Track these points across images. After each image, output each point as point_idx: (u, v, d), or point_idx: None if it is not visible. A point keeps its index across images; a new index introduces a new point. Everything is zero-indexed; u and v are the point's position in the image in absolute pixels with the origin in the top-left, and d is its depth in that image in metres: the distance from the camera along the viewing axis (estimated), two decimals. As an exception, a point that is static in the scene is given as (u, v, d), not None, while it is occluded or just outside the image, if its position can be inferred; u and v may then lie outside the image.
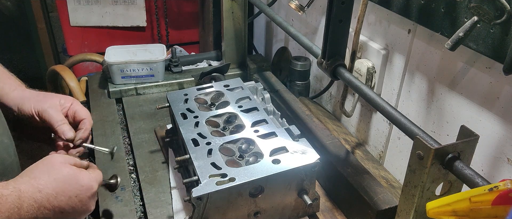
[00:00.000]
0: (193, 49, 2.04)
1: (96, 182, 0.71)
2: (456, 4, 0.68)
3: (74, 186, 0.67)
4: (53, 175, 0.66)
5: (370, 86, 0.98)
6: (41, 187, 0.63)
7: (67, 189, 0.66)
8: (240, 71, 1.34)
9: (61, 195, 0.65)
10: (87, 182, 0.69)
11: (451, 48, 0.64)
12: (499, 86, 0.69)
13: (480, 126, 0.73)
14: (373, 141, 1.06)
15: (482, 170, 0.74)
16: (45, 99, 0.85)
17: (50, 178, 0.65)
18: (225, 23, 1.25)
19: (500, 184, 0.45)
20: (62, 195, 0.65)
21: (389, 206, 0.75)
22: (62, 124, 0.83)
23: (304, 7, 0.94)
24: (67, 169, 0.68)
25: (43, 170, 0.66)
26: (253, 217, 0.77)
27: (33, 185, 0.63)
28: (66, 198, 0.65)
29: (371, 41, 0.98)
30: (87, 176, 0.70)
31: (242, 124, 0.87)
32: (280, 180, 0.75)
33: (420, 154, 0.56)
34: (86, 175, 0.70)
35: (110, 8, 1.92)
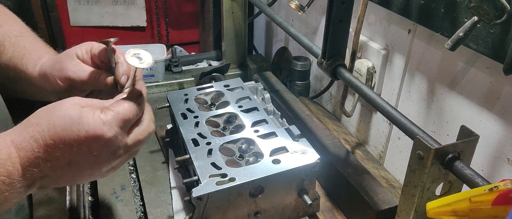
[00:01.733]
0: (193, 49, 2.04)
1: (110, 126, 0.54)
2: (456, 4, 0.68)
3: (74, 132, 0.53)
4: (54, 120, 0.53)
5: (370, 86, 0.98)
6: (37, 135, 0.52)
7: (67, 136, 0.52)
8: (240, 71, 1.34)
9: (62, 144, 0.53)
10: (92, 127, 0.53)
11: (451, 48, 0.64)
12: (499, 86, 0.69)
13: (480, 126, 0.73)
14: (373, 141, 1.06)
15: (482, 170, 0.74)
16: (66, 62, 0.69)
17: (50, 123, 0.53)
18: (225, 23, 1.25)
19: (500, 184, 0.45)
20: (62, 144, 0.53)
21: (389, 206, 0.75)
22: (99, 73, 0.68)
23: (304, 7, 0.94)
24: (72, 111, 0.54)
25: (45, 114, 0.54)
26: (253, 217, 0.77)
27: (27, 134, 0.52)
28: (68, 148, 0.53)
29: (371, 41, 0.98)
30: (93, 119, 0.53)
31: (242, 124, 0.87)
32: (280, 180, 0.75)
33: (420, 154, 0.56)
34: (93, 118, 0.53)
35: (110, 8, 1.92)
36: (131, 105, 0.58)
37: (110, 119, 0.55)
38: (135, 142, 0.59)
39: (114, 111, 0.55)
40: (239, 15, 1.25)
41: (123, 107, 0.57)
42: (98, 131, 0.53)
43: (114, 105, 0.57)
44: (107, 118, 0.55)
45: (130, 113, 0.57)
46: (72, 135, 0.53)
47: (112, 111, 0.55)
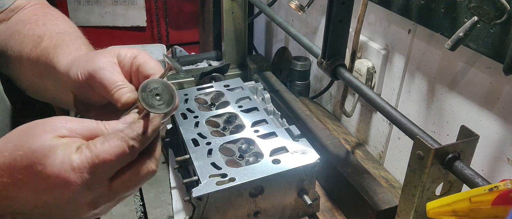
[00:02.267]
0: (193, 49, 2.04)
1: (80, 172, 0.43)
2: (456, 4, 0.68)
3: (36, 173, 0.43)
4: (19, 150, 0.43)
5: (370, 86, 0.98)
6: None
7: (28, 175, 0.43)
8: (240, 71, 1.34)
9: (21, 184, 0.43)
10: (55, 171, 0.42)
11: (451, 48, 0.64)
12: (499, 86, 0.69)
13: (480, 126, 0.73)
14: (373, 141, 1.06)
15: (482, 170, 0.74)
16: (97, 58, 0.57)
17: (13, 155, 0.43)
18: (225, 23, 1.25)
19: (500, 184, 0.45)
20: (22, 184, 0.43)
21: (389, 206, 0.75)
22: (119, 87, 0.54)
23: (304, 7, 0.94)
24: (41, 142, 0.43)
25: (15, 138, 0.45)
26: (253, 217, 0.77)
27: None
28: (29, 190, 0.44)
29: (371, 41, 0.98)
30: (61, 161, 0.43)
31: (242, 124, 0.87)
32: (280, 180, 0.75)
33: (420, 154, 0.56)
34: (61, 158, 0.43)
35: (110, 8, 1.92)
36: (121, 147, 0.45)
37: (82, 163, 0.43)
38: (122, 189, 0.48)
39: (93, 153, 0.44)
40: (239, 15, 1.25)
41: (108, 148, 0.44)
42: (62, 177, 0.43)
43: (98, 142, 0.45)
44: (80, 161, 0.43)
45: (115, 157, 0.44)
46: (33, 176, 0.43)
47: (90, 152, 0.44)
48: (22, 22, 0.71)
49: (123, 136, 0.46)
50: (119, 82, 0.55)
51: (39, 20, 0.71)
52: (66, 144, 0.44)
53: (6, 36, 0.71)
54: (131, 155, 0.47)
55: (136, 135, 0.46)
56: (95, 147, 0.44)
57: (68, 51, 0.63)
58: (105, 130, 0.48)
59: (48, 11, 0.75)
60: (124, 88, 0.55)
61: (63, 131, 0.46)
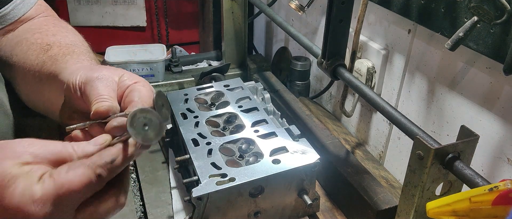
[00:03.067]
0: (193, 49, 2.04)
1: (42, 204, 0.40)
2: (456, 4, 0.68)
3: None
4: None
5: (370, 86, 0.98)
6: None
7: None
8: (240, 71, 1.34)
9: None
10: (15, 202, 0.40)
11: (451, 48, 0.64)
12: (499, 86, 0.69)
13: (480, 126, 0.73)
14: (373, 141, 1.06)
15: (482, 170, 0.74)
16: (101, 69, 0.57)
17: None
18: (225, 23, 1.25)
19: (500, 184, 0.45)
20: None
21: (389, 206, 0.75)
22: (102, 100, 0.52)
23: (304, 7, 0.94)
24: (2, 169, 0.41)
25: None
26: (253, 217, 0.77)
27: None
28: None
29: (371, 41, 0.98)
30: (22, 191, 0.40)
31: (242, 124, 0.87)
32: (280, 180, 0.75)
33: (420, 154, 0.56)
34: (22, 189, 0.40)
35: (110, 8, 1.92)
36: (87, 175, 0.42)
37: (45, 195, 0.40)
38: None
39: (58, 181, 0.41)
40: (239, 15, 1.25)
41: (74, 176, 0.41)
42: (22, 210, 0.39)
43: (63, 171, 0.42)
44: (42, 192, 0.40)
45: (81, 187, 0.41)
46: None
47: (53, 182, 0.41)
48: (31, 31, 0.73)
49: (90, 164, 0.42)
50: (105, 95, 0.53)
51: (49, 30, 0.72)
52: (28, 174, 0.41)
53: (13, 44, 0.72)
54: (98, 184, 0.43)
55: (104, 163, 0.43)
56: (59, 176, 0.41)
57: (78, 60, 0.64)
58: (73, 152, 0.44)
59: (58, 23, 0.77)
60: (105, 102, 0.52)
61: (26, 157, 0.42)
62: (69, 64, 0.63)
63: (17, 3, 0.74)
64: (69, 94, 0.58)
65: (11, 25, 0.74)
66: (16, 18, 0.74)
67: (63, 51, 0.66)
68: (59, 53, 0.66)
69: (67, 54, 0.65)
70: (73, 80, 0.56)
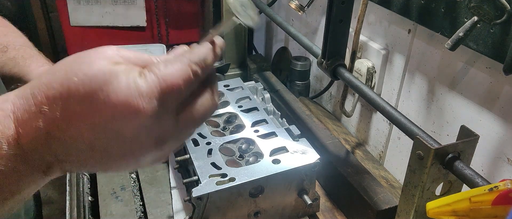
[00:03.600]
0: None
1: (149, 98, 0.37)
2: (456, 4, 0.68)
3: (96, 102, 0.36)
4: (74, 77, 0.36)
5: (370, 86, 0.98)
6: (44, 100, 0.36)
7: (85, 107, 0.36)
8: (240, 71, 1.34)
9: (76, 118, 0.36)
10: (122, 97, 0.36)
11: (451, 48, 0.64)
12: (499, 86, 0.69)
13: (480, 126, 0.73)
14: (373, 141, 1.06)
15: (482, 170, 0.74)
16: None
17: (65, 84, 0.36)
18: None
19: (500, 184, 0.45)
20: (77, 118, 0.36)
21: (389, 206, 0.75)
22: None
23: (304, 7, 0.94)
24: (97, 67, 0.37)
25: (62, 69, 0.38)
26: (253, 217, 0.77)
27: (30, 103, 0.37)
28: (86, 125, 0.36)
29: (371, 41, 0.98)
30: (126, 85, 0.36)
31: (242, 124, 0.87)
32: (280, 180, 0.75)
33: (420, 154, 0.56)
34: (126, 82, 0.36)
35: (110, 8, 1.92)
36: (186, 70, 0.39)
37: (151, 88, 0.37)
38: (188, 124, 0.42)
39: (159, 75, 0.38)
40: (239, 15, 1.25)
41: (174, 70, 0.39)
42: (131, 104, 0.36)
43: (161, 65, 0.39)
44: (147, 85, 0.37)
45: (183, 80, 0.39)
46: (95, 106, 0.36)
47: (155, 76, 0.38)
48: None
49: (186, 60, 0.40)
50: None
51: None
52: (126, 70, 0.38)
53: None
54: (195, 82, 0.41)
55: (198, 59, 0.41)
56: (159, 70, 0.38)
57: (38, 64, 0.76)
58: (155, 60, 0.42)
59: (3, 22, 0.83)
60: None
61: (118, 59, 0.39)
62: (33, 68, 0.74)
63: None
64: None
65: None
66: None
67: (22, 54, 0.76)
68: (18, 56, 0.75)
69: (27, 58, 0.75)
70: None
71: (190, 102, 0.42)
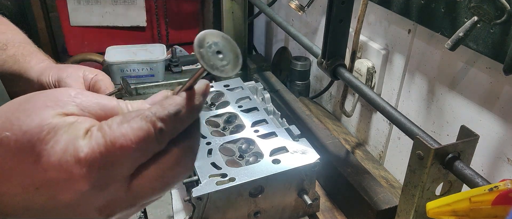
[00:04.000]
0: (193, 49, 2.03)
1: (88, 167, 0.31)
2: (456, 4, 0.68)
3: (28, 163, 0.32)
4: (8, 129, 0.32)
5: (370, 86, 0.98)
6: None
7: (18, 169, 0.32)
8: (240, 71, 1.34)
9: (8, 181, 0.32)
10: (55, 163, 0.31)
11: (451, 48, 0.64)
12: (499, 86, 0.69)
13: (480, 126, 0.73)
14: (373, 141, 1.06)
15: (482, 170, 0.74)
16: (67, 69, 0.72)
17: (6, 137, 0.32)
18: (225, 23, 1.25)
19: (500, 184, 0.45)
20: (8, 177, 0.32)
21: (389, 206, 0.75)
22: None
23: (304, 7, 0.94)
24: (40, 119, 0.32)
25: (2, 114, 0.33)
26: (253, 217, 0.77)
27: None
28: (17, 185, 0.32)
29: (371, 41, 0.98)
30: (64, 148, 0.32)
31: (242, 124, 0.87)
32: (280, 180, 0.75)
33: (420, 154, 0.56)
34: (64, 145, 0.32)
35: (110, 8, 1.92)
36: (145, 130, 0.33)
37: (92, 153, 0.32)
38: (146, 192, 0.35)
39: (108, 136, 0.32)
40: (239, 15, 1.25)
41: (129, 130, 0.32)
42: (64, 171, 0.31)
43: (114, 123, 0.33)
44: (89, 149, 0.32)
45: (137, 144, 0.32)
46: (25, 166, 0.32)
47: (103, 136, 0.32)
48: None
49: (150, 115, 0.33)
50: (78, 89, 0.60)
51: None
52: (72, 125, 0.33)
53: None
54: (158, 143, 0.34)
55: (167, 115, 0.34)
56: (110, 129, 0.32)
57: (38, 60, 0.75)
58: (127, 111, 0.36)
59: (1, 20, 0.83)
60: None
61: (70, 107, 0.34)
62: (33, 64, 0.74)
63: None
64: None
65: None
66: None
67: (21, 51, 0.76)
68: (18, 53, 0.75)
69: (27, 54, 0.76)
70: (46, 80, 0.70)
71: (151, 165, 0.35)
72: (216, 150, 0.79)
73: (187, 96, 0.36)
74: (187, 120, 0.37)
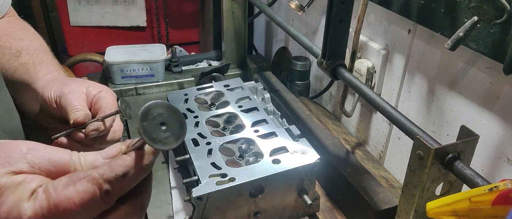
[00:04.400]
0: (193, 49, 2.04)
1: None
2: (456, 4, 0.68)
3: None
4: None
5: (370, 86, 0.98)
6: None
7: None
8: (240, 71, 1.34)
9: None
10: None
11: (451, 48, 0.64)
12: (499, 86, 0.69)
13: (480, 126, 0.73)
14: (373, 141, 1.06)
15: (482, 170, 0.74)
16: (70, 83, 0.67)
17: None
18: (225, 23, 1.25)
19: (500, 184, 0.45)
20: None
21: (389, 206, 0.75)
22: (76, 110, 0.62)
23: (304, 7, 0.94)
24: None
25: None
26: (253, 217, 0.77)
27: None
28: None
29: (371, 41, 0.98)
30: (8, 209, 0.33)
31: (242, 124, 0.87)
32: (280, 180, 0.75)
33: (420, 154, 0.56)
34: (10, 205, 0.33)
35: (110, 8, 1.92)
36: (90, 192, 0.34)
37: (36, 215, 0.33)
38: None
39: (52, 199, 0.33)
40: (239, 15, 1.25)
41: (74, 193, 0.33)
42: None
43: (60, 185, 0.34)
44: (33, 212, 0.33)
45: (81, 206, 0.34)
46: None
47: (47, 199, 0.33)
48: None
49: (97, 177, 0.34)
50: (78, 106, 0.63)
51: (16, 33, 0.77)
52: (19, 186, 0.34)
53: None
54: (105, 203, 0.35)
55: (114, 177, 0.35)
56: (55, 191, 0.33)
57: (47, 71, 0.72)
58: (79, 166, 0.38)
59: (23, 25, 0.81)
60: (79, 111, 0.62)
61: (21, 165, 0.35)
62: (41, 75, 0.71)
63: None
64: (45, 105, 0.67)
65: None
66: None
67: (33, 60, 0.73)
68: (29, 62, 0.73)
69: (37, 63, 0.73)
70: (48, 94, 0.66)
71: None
72: (216, 150, 0.79)
73: (137, 156, 0.37)
74: (135, 180, 0.37)
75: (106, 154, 0.39)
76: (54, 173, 0.37)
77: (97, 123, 0.62)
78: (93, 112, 0.66)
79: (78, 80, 0.70)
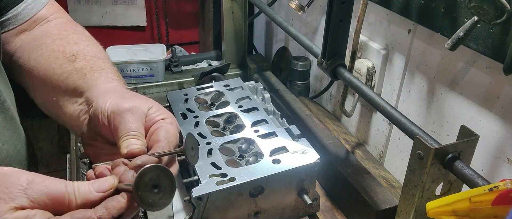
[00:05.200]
0: (193, 49, 2.04)
1: None
2: (456, 4, 0.68)
3: None
4: None
5: (370, 86, 0.98)
6: None
7: None
8: (240, 71, 1.34)
9: None
10: None
11: (451, 48, 0.64)
12: (499, 86, 0.69)
13: (480, 126, 0.73)
14: (373, 141, 1.06)
15: (482, 170, 0.74)
16: (132, 99, 0.57)
17: None
18: (225, 23, 1.25)
19: (500, 184, 0.45)
20: None
21: (389, 206, 0.75)
22: (132, 137, 0.53)
23: (304, 7, 0.94)
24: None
25: None
26: (253, 217, 0.77)
27: None
28: None
29: (371, 41, 0.98)
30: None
31: (242, 124, 0.87)
32: (280, 180, 0.75)
33: (420, 154, 0.56)
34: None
35: (110, 8, 1.92)
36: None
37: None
38: None
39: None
40: (239, 15, 1.25)
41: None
42: None
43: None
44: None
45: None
46: None
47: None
48: (50, 36, 0.70)
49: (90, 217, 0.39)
50: (134, 131, 0.53)
51: (69, 37, 0.71)
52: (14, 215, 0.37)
53: (30, 47, 0.70)
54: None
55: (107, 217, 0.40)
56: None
57: (107, 79, 0.64)
58: (73, 199, 0.41)
59: (76, 29, 0.75)
60: (133, 139, 0.52)
61: (21, 200, 0.38)
62: (99, 82, 0.63)
63: (28, 3, 0.73)
64: (96, 120, 0.58)
65: (24, 24, 0.72)
66: (28, 17, 0.73)
67: (91, 65, 0.66)
68: (86, 67, 0.65)
69: (96, 70, 0.65)
70: (102, 106, 0.57)
71: None
72: (216, 150, 0.79)
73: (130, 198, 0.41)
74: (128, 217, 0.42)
75: (99, 187, 0.42)
76: (50, 205, 0.40)
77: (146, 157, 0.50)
78: (148, 141, 0.56)
79: (140, 97, 0.60)
